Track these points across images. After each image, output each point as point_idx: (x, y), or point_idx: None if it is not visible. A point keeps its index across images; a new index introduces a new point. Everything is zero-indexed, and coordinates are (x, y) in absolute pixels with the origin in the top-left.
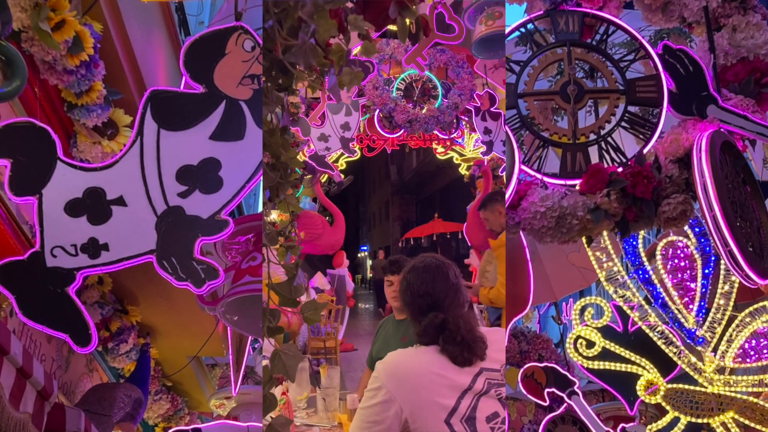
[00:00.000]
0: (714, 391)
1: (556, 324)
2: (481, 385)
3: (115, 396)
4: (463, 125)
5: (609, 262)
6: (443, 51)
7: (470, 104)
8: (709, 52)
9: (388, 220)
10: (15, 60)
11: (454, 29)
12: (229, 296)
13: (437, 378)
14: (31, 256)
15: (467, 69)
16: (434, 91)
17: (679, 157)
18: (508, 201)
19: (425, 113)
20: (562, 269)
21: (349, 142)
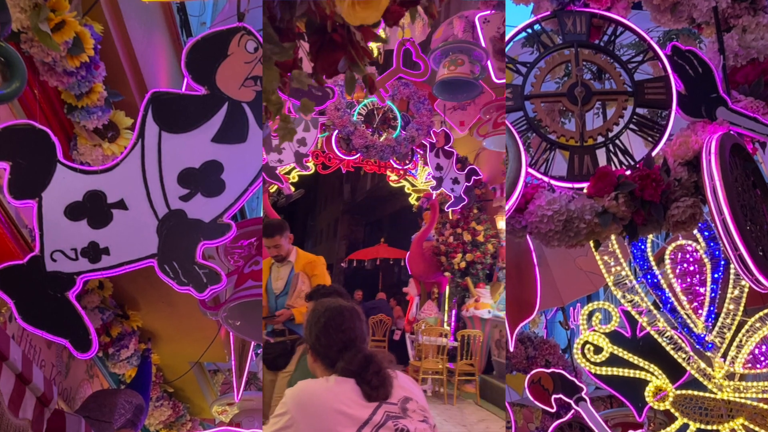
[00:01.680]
0: (723, 397)
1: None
2: (380, 418)
3: (116, 402)
4: (417, 158)
5: (617, 267)
6: (407, 85)
7: (426, 139)
8: (719, 54)
9: (335, 237)
10: (14, 61)
11: (420, 66)
12: (231, 301)
13: (342, 410)
14: (31, 261)
15: (428, 105)
16: (394, 122)
17: (688, 160)
18: (514, 205)
19: (383, 141)
20: (569, 274)
21: (303, 157)
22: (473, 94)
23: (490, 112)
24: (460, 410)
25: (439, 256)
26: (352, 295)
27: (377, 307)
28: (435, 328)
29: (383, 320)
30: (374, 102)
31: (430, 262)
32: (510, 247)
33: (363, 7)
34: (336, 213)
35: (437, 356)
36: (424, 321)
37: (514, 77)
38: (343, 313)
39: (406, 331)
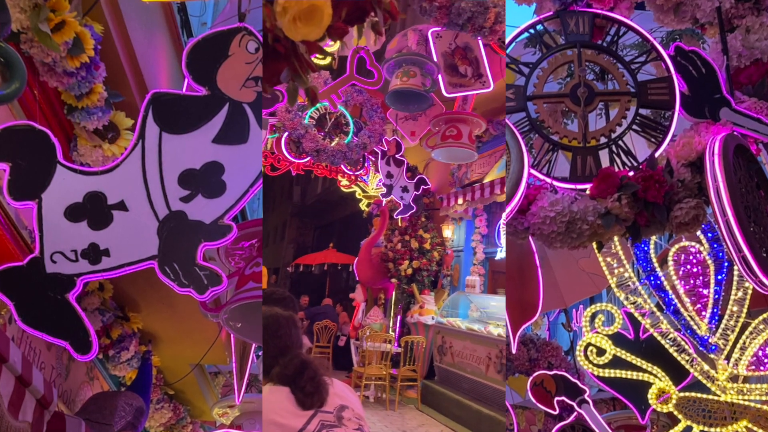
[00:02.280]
0: (727, 399)
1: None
2: (314, 427)
3: (116, 405)
4: (369, 164)
5: (620, 268)
6: (361, 92)
7: (378, 147)
8: (722, 54)
9: (283, 241)
10: (14, 62)
11: (374, 75)
12: (232, 303)
13: (276, 420)
14: (31, 262)
15: (380, 113)
16: (346, 128)
17: (691, 161)
18: (517, 206)
19: (334, 146)
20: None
21: None
22: (424, 106)
23: (439, 124)
24: (401, 416)
25: (386, 263)
26: (298, 300)
27: (323, 312)
28: (380, 334)
29: (328, 326)
30: (326, 107)
31: (378, 268)
32: (512, 248)
33: (304, 23)
34: (284, 216)
35: (381, 362)
36: (369, 327)
37: (516, 78)
38: (278, 321)
39: (351, 337)
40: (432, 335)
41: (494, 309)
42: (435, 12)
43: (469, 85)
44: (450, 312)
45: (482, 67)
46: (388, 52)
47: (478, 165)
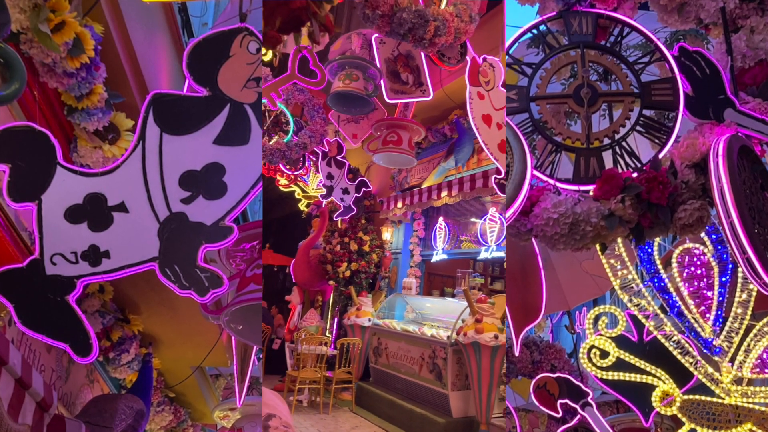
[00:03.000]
0: (731, 402)
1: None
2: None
3: (117, 407)
4: (309, 164)
5: (623, 270)
6: (302, 91)
7: (319, 147)
8: (727, 54)
9: None
10: (14, 62)
11: (316, 75)
12: (233, 305)
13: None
14: (30, 264)
15: (322, 114)
16: (286, 126)
17: (695, 162)
18: (520, 207)
19: (272, 144)
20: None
21: None
22: (366, 110)
23: (380, 129)
24: (334, 419)
25: (325, 265)
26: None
27: None
28: (315, 336)
29: (263, 329)
30: (265, 104)
31: (316, 270)
32: (515, 250)
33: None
34: None
35: (316, 365)
36: (305, 330)
37: (519, 78)
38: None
39: (286, 340)
40: (368, 337)
41: (429, 310)
42: (377, 20)
43: (410, 92)
44: (387, 313)
45: (423, 75)
46: (331, 54)
47: (418, 170)
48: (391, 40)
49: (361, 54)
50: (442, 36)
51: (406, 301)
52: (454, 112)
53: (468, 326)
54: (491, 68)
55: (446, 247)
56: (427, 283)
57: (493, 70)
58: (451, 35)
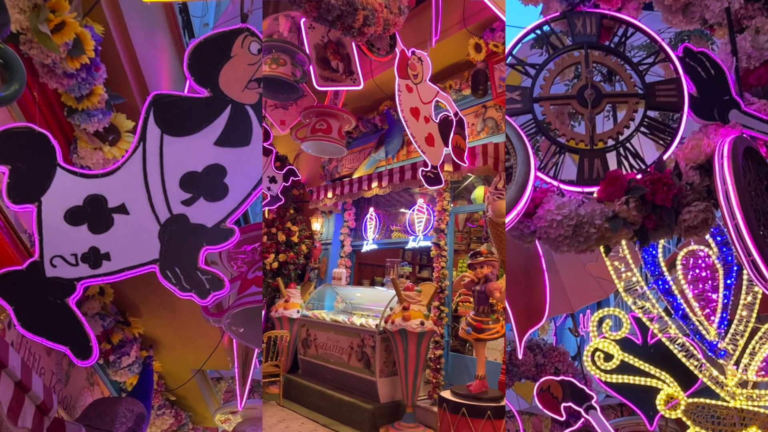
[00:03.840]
0: (736, 405)
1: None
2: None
3: (117, 411)
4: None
5: (628, 272)
6: None
7: None
8: (732, 55)
9: None
10: (13, 63)
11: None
12: (234, 307)
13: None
14: (30, 266)
15: None
16: None
17: (700, 164)
18: (523, 209)
19: None
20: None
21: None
22: (293, 96)
23: (309, 116)
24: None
25: None
26: None
27: None
28: None
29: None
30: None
31: None
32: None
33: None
34: None
35: None
36: None
37: (522, 79)
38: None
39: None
40: (297, 329)
41: (359, 300)
42: (305, 4)
43: (341, 80)
44: (316, 304)
45: (354, 64)
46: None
47: (348, 160)
48: (321, 25)
49: (289, 38)
50: (371, 26)
51: (336, 292)
52: (384, 103)
53: (396, 314)
54: (420, 62)
55: (377, 237)
56: (358, 273)
57: (421, 63)
58: (380, 26)
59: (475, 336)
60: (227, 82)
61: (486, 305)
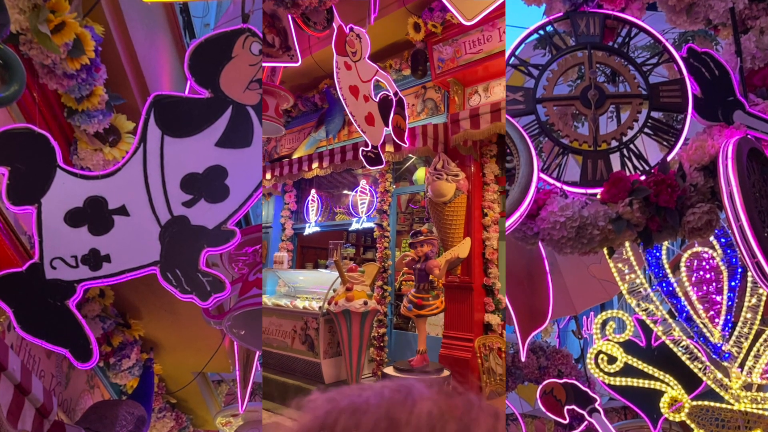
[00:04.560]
0: (741, 408)
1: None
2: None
3: (117, 414)
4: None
5: (631, 274)
6: None
7: None
8: (736, 56)
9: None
10: (13, 64)
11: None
12: (235, 310)
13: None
14: (30, 268)
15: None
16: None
17: (704, 165)
18: (526, 211)
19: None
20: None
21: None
22: None
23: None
24: None
25: None
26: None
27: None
28: None
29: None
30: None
31: None
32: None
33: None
34: None
35: None
36: None
37: (525, 80)
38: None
39: None
40: None
41: (302, 283)
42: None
43: (277, 56)
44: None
45: (291, 39)
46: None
47: (288, 140)
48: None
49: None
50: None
51: (277, 276)
52: (324, 81)
53: (339, 295)
54: (358, 39)
55: (319, 220)
56: (300, 256)
57: (360, 40)
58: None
59: (415, 312)
60: (228, 83)
61: (426, 282)
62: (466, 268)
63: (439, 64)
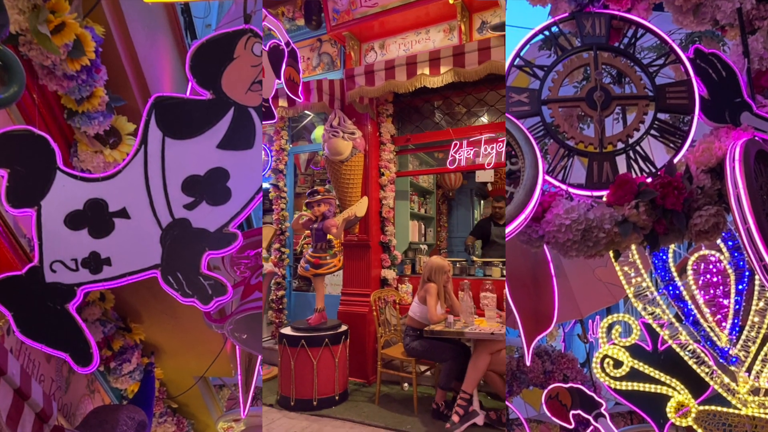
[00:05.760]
0: (748, 413)
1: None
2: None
3: (118, 419)
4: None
5: (638, 278)
6: None
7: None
8: (743, 57)
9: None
10: (12, 65)
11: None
12: (237, 313)
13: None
14: (30, 271)
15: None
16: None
17: (711, 167)
18: (531, 213)
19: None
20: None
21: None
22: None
23: None
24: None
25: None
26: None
27: None
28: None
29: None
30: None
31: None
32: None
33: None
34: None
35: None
36: None
37: (530, 81)
38: None
39: None
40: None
41: None
42: None
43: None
44: None
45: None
46: None
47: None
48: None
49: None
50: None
51: None
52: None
53: None
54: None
55: None
56: None
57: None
58: None
59: (313, 272)
60: (230, 84)
61: (324, 242)
62: (363, 226)
63: (334, 16)
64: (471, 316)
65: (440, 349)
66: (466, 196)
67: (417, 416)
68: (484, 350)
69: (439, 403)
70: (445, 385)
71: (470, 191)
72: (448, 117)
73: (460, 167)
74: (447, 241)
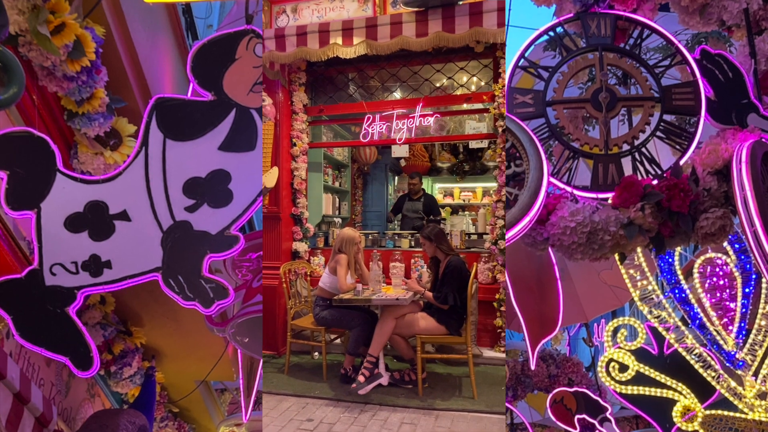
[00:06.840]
0: (755, 417)
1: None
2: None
3: (119, 423)
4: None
5: (643, 281)
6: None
7: None
8: (750, 57)
9: None
10: (12, 66)
11: None
12: (239, 317)
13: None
14: (29, 274)
15: None
16: None
17: (717, 169)
18: (536, 216)
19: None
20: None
21: None
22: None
23: None
24: None
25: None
26: None
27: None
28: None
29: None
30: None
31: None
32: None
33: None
34: None
35: None
36: None
37: (535, 82)
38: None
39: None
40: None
41: None
42: None
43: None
44: None
45: None
46: None
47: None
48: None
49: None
50: None
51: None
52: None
53: None
54: None
55: None
56: None
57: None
58: None
59: None
60: (231, 85)
61: None
62: (273, 197)
63: None
64: (379, 284)
65: (349, 317)
66: (381, 171)
67: (326, 382)
68: (389, 315)
69: (348, 368)
70: (354, 350)
71: (385, 166)
72: (362, 90)
73: (373, 141)
74: (362, 215)
